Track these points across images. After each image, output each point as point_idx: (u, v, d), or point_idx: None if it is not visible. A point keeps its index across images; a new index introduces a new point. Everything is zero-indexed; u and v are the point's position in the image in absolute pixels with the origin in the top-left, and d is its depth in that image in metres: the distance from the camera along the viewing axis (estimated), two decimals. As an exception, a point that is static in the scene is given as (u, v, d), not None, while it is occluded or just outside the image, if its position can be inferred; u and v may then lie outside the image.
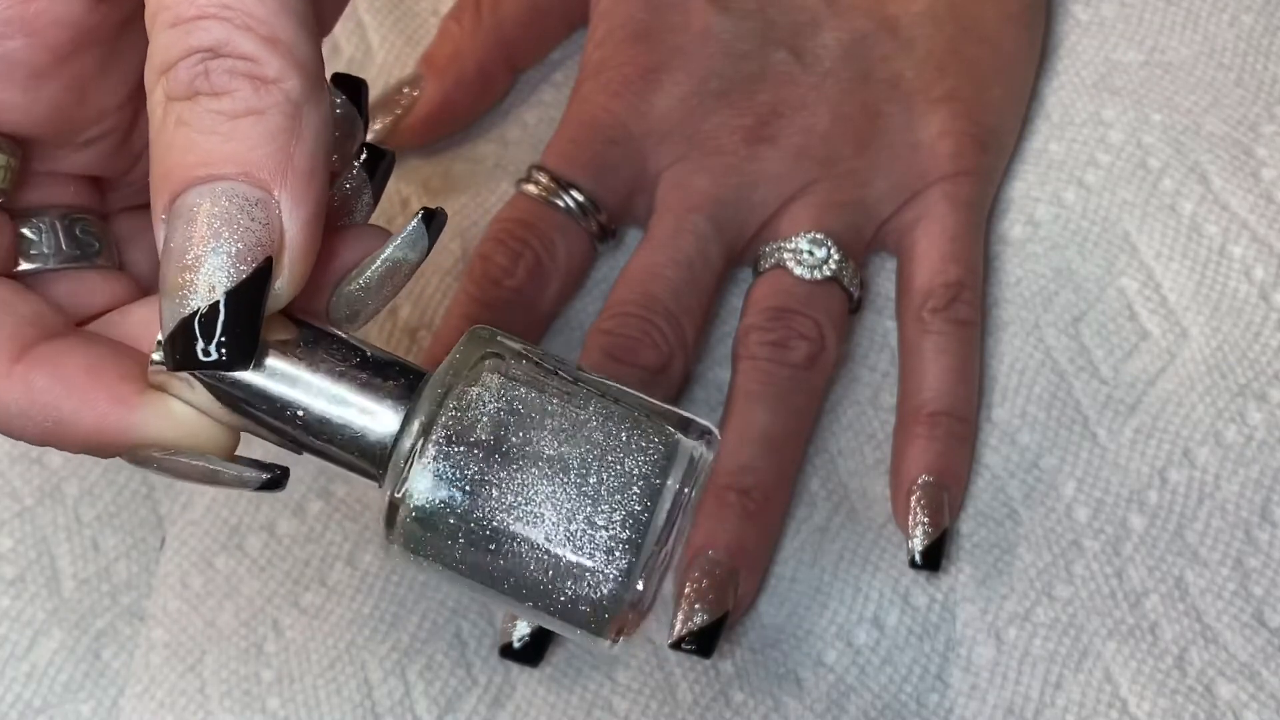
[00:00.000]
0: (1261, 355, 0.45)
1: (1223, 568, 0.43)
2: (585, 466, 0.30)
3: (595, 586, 0.30)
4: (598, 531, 0.30)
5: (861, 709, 0.42)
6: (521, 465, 0.30)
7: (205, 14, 0.29)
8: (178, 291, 0.29)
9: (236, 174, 0.29)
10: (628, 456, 0.30)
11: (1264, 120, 0.48)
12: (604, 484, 0.30)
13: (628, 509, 0.29)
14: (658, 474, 0.30)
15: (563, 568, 0.30)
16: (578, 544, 0.30)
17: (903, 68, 0.47)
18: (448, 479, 0.30)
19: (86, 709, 0.43)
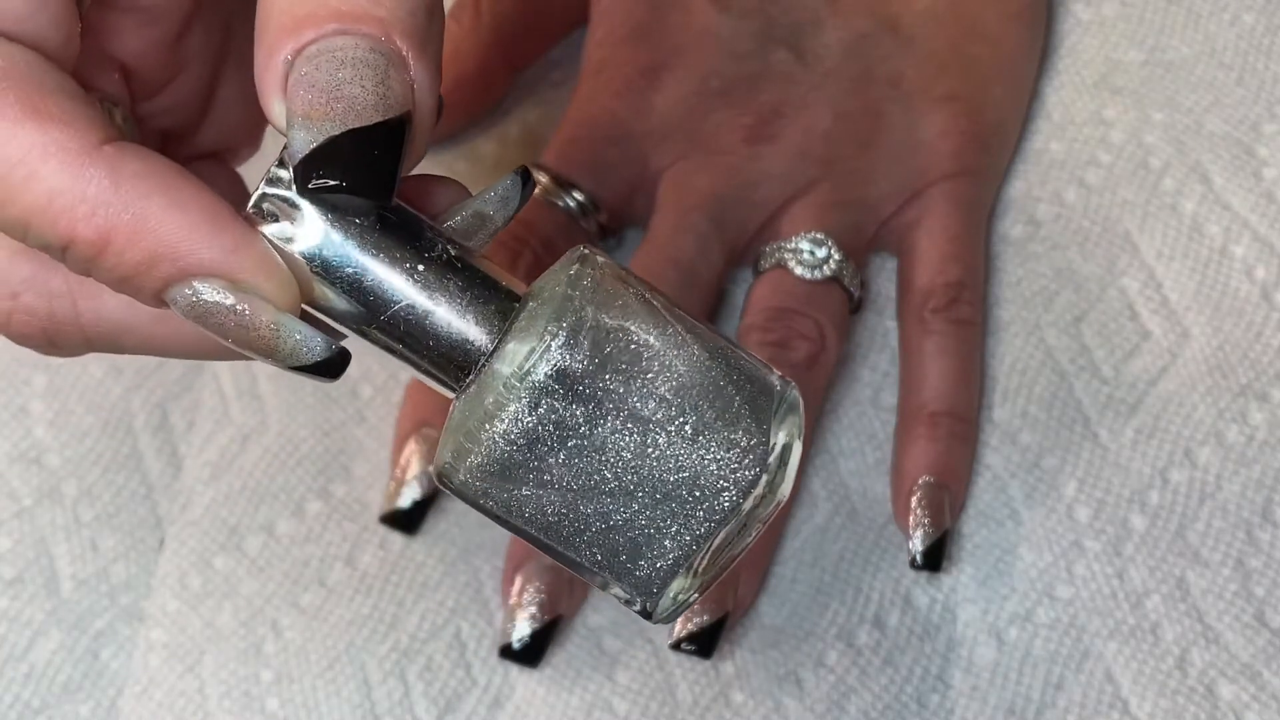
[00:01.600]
0: (1263, 355, 0.45)
1: (1224, 568, 0.43)
2: (666, 459, 0.28)
3: (638, 594, 0.29)
4: (655, 540, 0.29)
5: (862, 709, 0.42)
6: (606, 428, 0.28)
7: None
8: (322, 115, 0.27)
9: (380, 33, 0.28)
10: (713, 461, 0.28)
11: (1265, 120, 0.48)
12: (681, 485, 0.28)
13: (692, 529, 0.28)
14: (738, 494, 0.28)
15: (614, 563, 0.29)
16: (634, 546, 0.29)
17: (904, 67, 0.47)
18: (534, 418, 0.28)
19: (85, 709, 0.43)
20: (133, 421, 0.46)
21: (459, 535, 0.45)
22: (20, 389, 0.46)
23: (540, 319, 0.28)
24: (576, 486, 0.28)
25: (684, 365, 0.28)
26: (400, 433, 0.45)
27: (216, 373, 0.47)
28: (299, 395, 0.46)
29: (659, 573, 0.29)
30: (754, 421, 0.28)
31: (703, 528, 0.28)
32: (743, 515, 0.29)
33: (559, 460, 0.28)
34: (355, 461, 0.45)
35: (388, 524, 0.44)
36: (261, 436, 0.46)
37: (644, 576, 0.29)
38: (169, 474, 0.45)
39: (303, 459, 0.46)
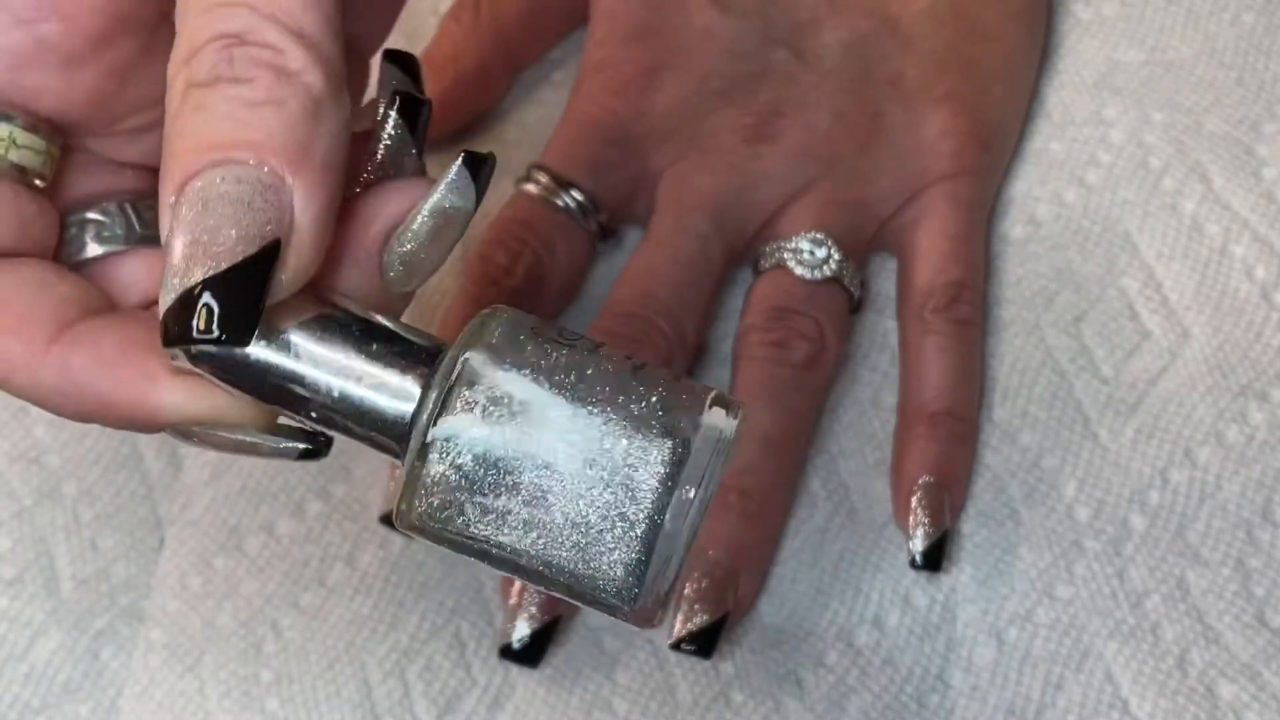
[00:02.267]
0: (1263, 355, 0.45)
1: (1224, 568, 0.43)
2: (594, 474, 0.29)
3: (604, 595, 0.29)
4: (605, 551, 0.29)
5: (862, 710, 0.42)
6: (532, 454, 0.29)
7: (233, 1, 0.29)
8: (179, 268, 0.28)
9: (250, 158, 0.28)
10: (639, 466, 0.29)
11: (1265, 119, 0.48)
12: (614, 497, 0.29)
13: (635, 528, 0.29)
14: (668, 483, 0.29)
15: (575, 573, 0.29)
16: (585, 555, 0.29)
17: (904, 67, 0.47)
18: (459, 452, 0.29)
19: (85, 709, 0.43)
20: (133, 421, 0.46)
21: (459, 535, 0.45)
22: (20, 389, 0.46)
23: (442, 382, 0.30)
24: (515, 524, 0.29)
25: (582, 425, 0.29)
26: (400, 433, 0.45)
27: (216, 373, 0.47)
28: (299, 395, 0.46)
29: (622, 580, 0.29)
30: (663, 429, 0.29)
31: (641, 529, 0.29)
32: (686, 500, 0.29)
33: (493, 502, 0.29)
34: (355, 462, 0.45)
35: (388, 524, 0.44)
36: (261, 436, 0.46)
37: (612, 588, 0.29)
38: (169, 474, 0.45)
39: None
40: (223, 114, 0.28)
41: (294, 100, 0.29)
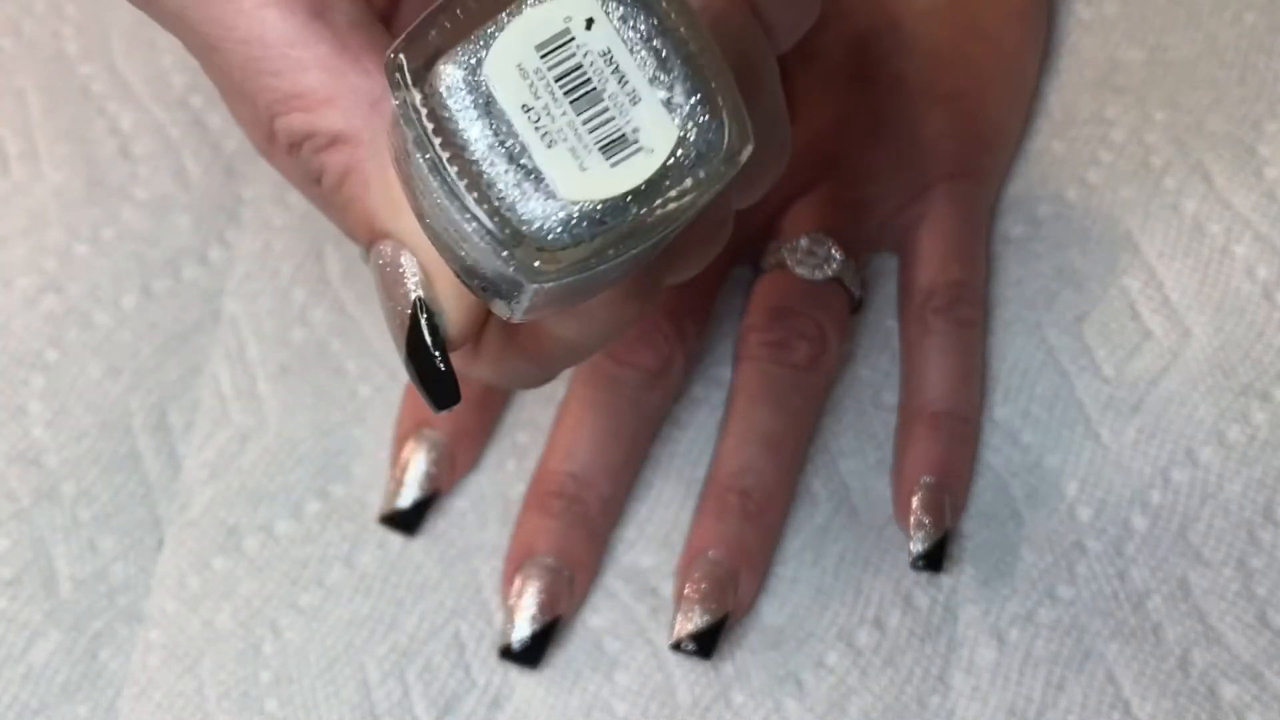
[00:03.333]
0: (1265, 355, 0.45)
1: (1226, 568, 0.43)
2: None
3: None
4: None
5: (862, 710, 0.42)
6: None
7: (270, 124, 0.31)
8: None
9: (368, 237, 0.30)
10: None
11: (1267, 119, 0.48)
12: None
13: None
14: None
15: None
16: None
17: (905, 66, 0.47)
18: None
19: (84, 710, 0.43)
20: (131, 422, 0.46)
21: (458, 536, 0.44)
22: (18, 389, 0.46)
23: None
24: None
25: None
26: (400, 433, 0.45)
27: (215, 373, 0.46)
28: (298, 395, 0.46)
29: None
30: None
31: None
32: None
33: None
34: (354, 462, 0.45)
35: (387, 524, 0.44)
36: (260, 437, 0.46)
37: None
38: (168, 474, 0.45)
39: (301, 459, 0.45)
40: (325, 210, 0.32)
41: (351, 167, 0.31)
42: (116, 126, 0.50)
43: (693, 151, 0.27)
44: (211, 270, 0.48)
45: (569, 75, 0.27)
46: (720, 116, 0.27)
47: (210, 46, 0.31)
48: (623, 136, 0.27)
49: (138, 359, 0.47)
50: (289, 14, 0.30)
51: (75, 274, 0.48)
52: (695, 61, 0.27)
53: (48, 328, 0.47)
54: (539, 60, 0.27)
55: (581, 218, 0.27)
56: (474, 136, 0.27)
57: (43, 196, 0.49)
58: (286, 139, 0.31)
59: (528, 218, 0.27)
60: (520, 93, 0.27)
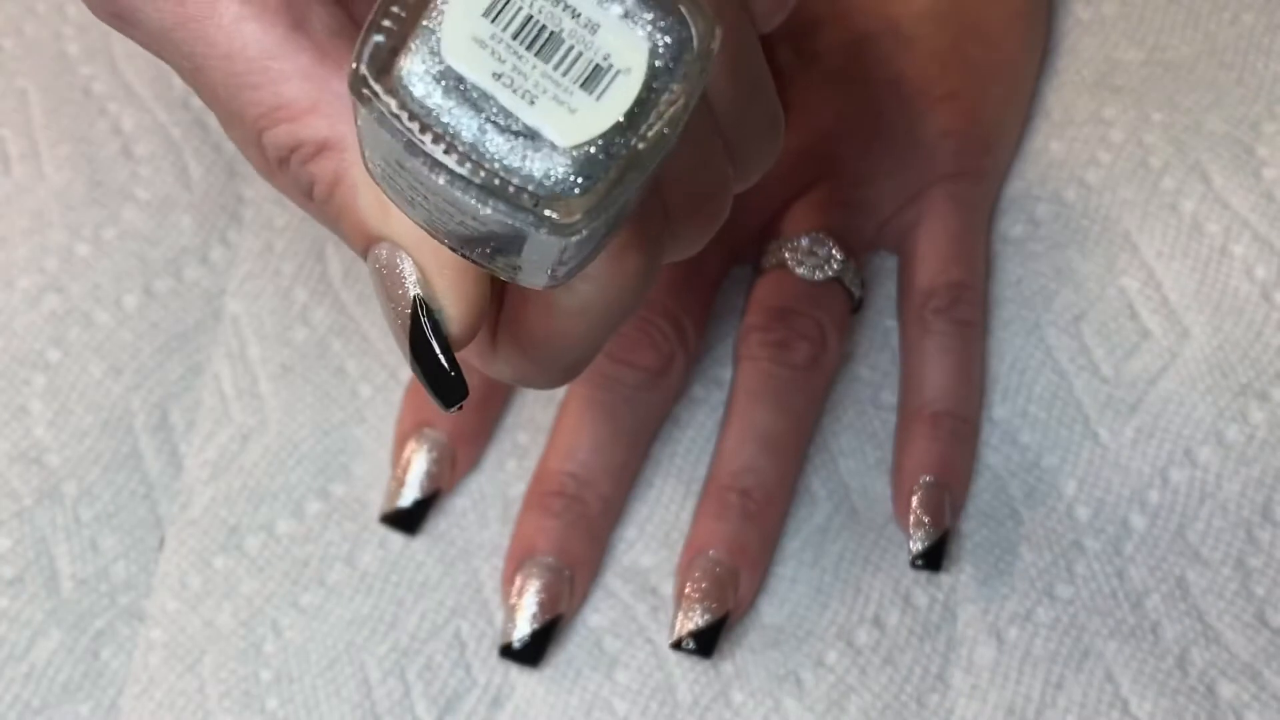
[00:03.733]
0: (1263, 355, 0.45)
1: (1224, 567, 0.43)
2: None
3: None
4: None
5: (862, 709, 0.42)
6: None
7: (256, 138, 0.31)
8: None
9: (363, 242, 0.30)
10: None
11: (1265, 119, 0.48)
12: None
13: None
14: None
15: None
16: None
17: (904, 67, 0.47)
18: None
19: (85, 709, 0.43)
20: (133, 421, 0.46)
21: (459, 535, 0.45)
22: (20, 389, 0.46)
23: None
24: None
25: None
26: (400, 432, 0.45)
27: (217, 372, 0.47)
28: (299, 395, 0.46)
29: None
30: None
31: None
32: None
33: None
34: (355, 461, 0.45)
35: (388, 523, 0.44)
36: (261, 436, 0.46)
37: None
38: (169, 473, 0.45)
39: (303, 459, 0.45)
40: (327, 219, 0.32)
41: (343, 171, 0.31)
42: (118, 127, 0.50)
43: (667, 56, 0.27)
44: (213, 270, 0.48)
45: (524, 29, 0.27)
46: (679, 12, 0.27)
47: (195, 67, 0.31)
48: (597, 68, 0.27)
49: (139, 359, 0.47)
50: (269, 27, 0.30)
51: (77, 274, 0.48)
52: None
53: (49, 327, 0.47)
54: (490, 26, 0.27)
55: (588, 159, 0.27)
56: (461, 123, 0.27)
57: (44, 197, 0.49)
58: (275, 153, 0.31)
59: (540, 178, 0.27)
60: (486, 63, 0.27)
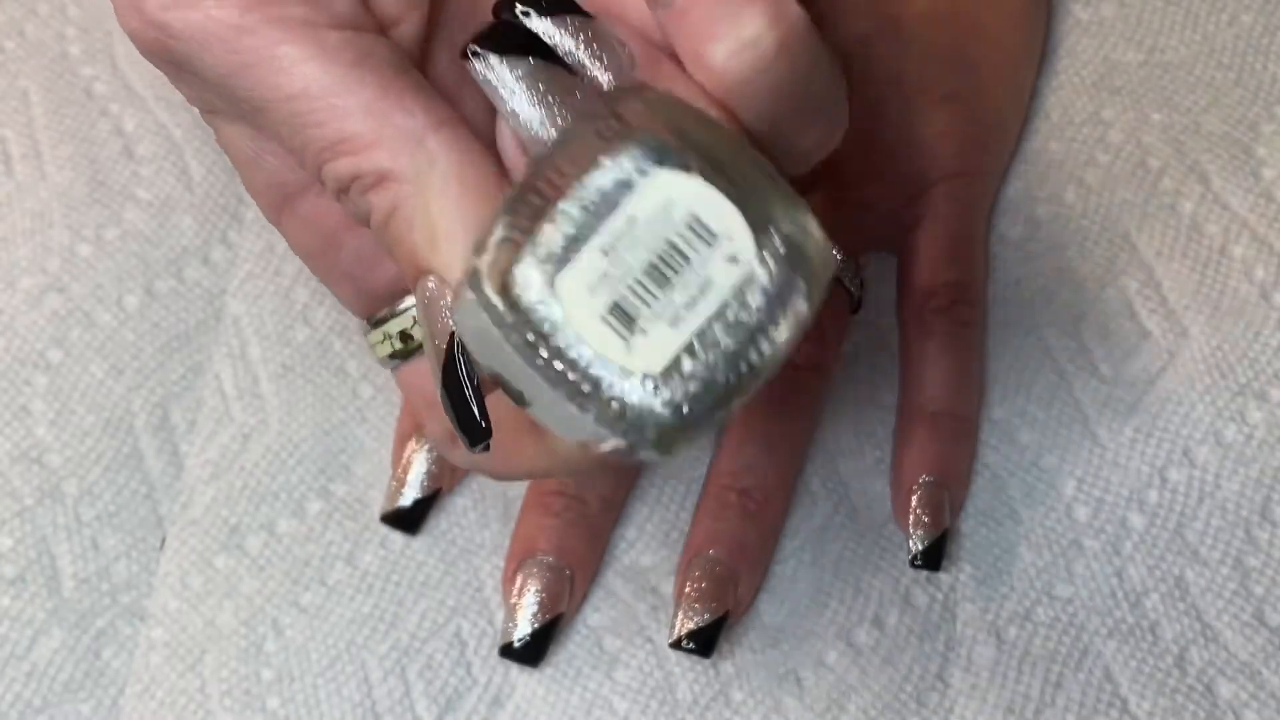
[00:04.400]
0: (1261, 355, 0.45)
1: (1223, 567, 0.43)
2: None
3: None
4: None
5: (862, 708, 0.42)
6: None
7: (318, 170, 0.32)
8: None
9: (414, 273, 0.31)
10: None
11: (1264, 120, 0.48)
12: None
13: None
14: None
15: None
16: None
17: (904, 67, 0.47)
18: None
19: (86, 708, 0.43)
20: (134, 421, 0.46)
21: (459, 534, 0.45)
22: (21, 389, 0.46)
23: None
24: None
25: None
26: (401, 432, 0.45)
27: (218, 372, 0.47)
28: (300, 395, 0.46)
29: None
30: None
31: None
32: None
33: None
34: (356, 460, 0.45)
35: (389, 523, 0.44)
36: (262, 436, 0.46)
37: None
38: (170, 473, 0.45)
39: (303, 458, 0.46)
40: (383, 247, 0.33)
41: (397, 202, 0.31)
42: (120, 127, 0.50)
43: (778, 286, 0.28)
44: (214, 270, 0.48)
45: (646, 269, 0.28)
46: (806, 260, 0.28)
47: (256, 109, 0.32)
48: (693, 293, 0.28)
49: (140, 359, 0.47)
50: (331, 65, 0.31)
51: (78, 274, 0.48)
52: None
53: (51, 327, 0.47)
54: (607, 264, 0.27)
55: (690, 396, 0.27)
56: (578, 345, 0.27)
57: (46, 197, 0.49)
58: (335, 184, 0.32)
59: (639, 405, 0.27)
60: (602, 294, 0.27)
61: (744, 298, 0.27)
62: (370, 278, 0.35)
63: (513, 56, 0.30)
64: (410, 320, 0.35)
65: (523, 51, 0.30)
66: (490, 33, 0.30)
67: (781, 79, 0.30)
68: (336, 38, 0.31)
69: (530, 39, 0.30)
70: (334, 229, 0.35)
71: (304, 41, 0.31)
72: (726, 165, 0.27)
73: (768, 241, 0.27)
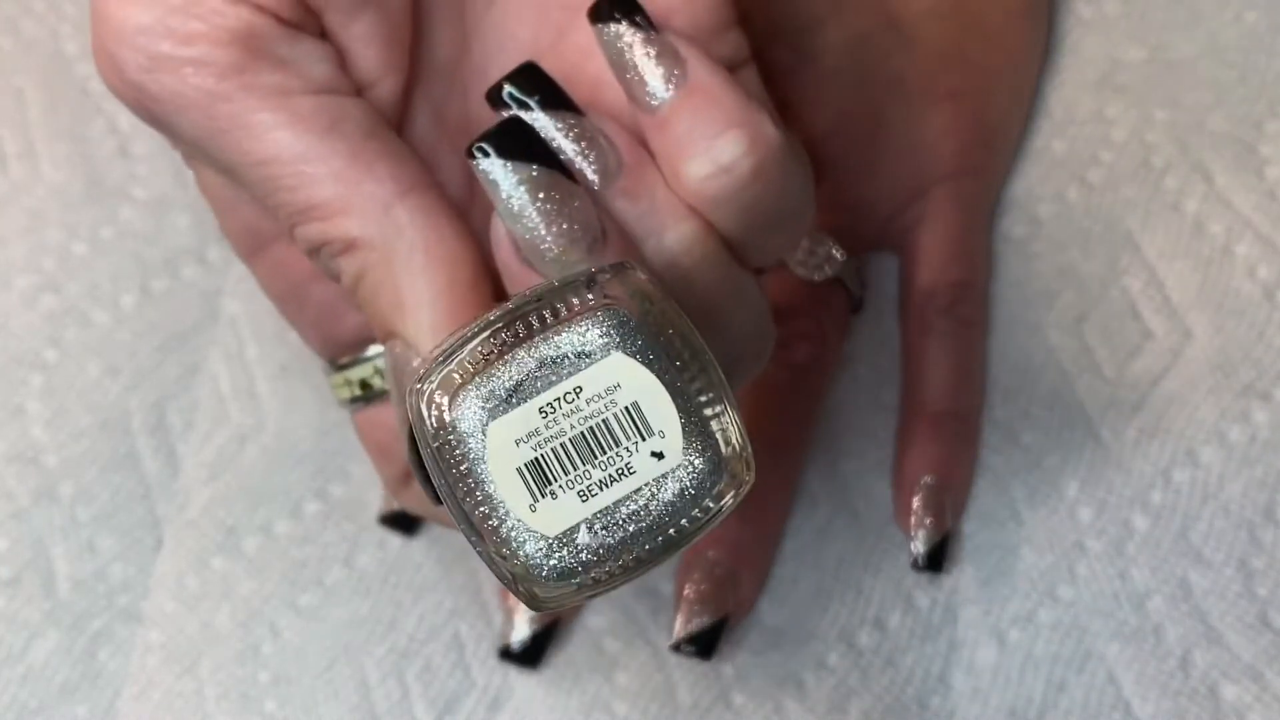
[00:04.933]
0: (1265, 355, 0.45)
1: (1226, 569, 0.43)
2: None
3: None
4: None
5: (863, 711, 0.42)
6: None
7: (289, 230, 0.32)
8: None
9: (382, 335, 0.32)
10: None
11: (1268, 118, 0.48)
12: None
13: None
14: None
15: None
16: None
17: (906, 66, 0.47)
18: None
19: (83, 710, 0.43)
20: (130, 421, 0.46)
21: (458, 536, 0.44)
22: (17, 389, 0.46)
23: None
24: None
25: None
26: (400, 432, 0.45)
27: (214, 373, 0.46)
28: (297, 395, 0.46)
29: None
30: None
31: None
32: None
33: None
34: (353, 462, 0.45)
35: (386, 524, 0.44)
36: (259, 437, 0.46)
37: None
38: (166, 474, 0.45)
39: (301, 459, 0.45)
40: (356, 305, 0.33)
41: (367, 265, 0.32)
42: (115, 126, 0.50)
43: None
44: (210, 269, 0.48)
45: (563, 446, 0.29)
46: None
47: (228, 169, 0.32)
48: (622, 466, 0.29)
49: (136, 358, 0.47)
50: (302, 133, 0.31)
51: (74, 273, 0.48)
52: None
53: (46, 327, 0.47)
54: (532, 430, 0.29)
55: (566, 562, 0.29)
56: (488, 484, 0.29)
57: (41, 196, 0.49)
58: (305, 245, 0.33)
59: (525, 559, 0.29)
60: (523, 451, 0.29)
61: (657, 493, 0.29)
62: (335, 327, 0.36)
63: (518, 162, 0.30)
64: (371, 370, 0.36)
65: (527, 154, 0.30)
66: (496, 132, 0.31)
67: (756, 199, 0.31)
68: (310, 104, 0.31)
69: (534, 141, 0.31)
70: (302, 279, 0.35)
71: (277, 109, 0.31)
72: (682, 367, 0.29)
73: (696, 445, 0.29)
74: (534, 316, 0.28)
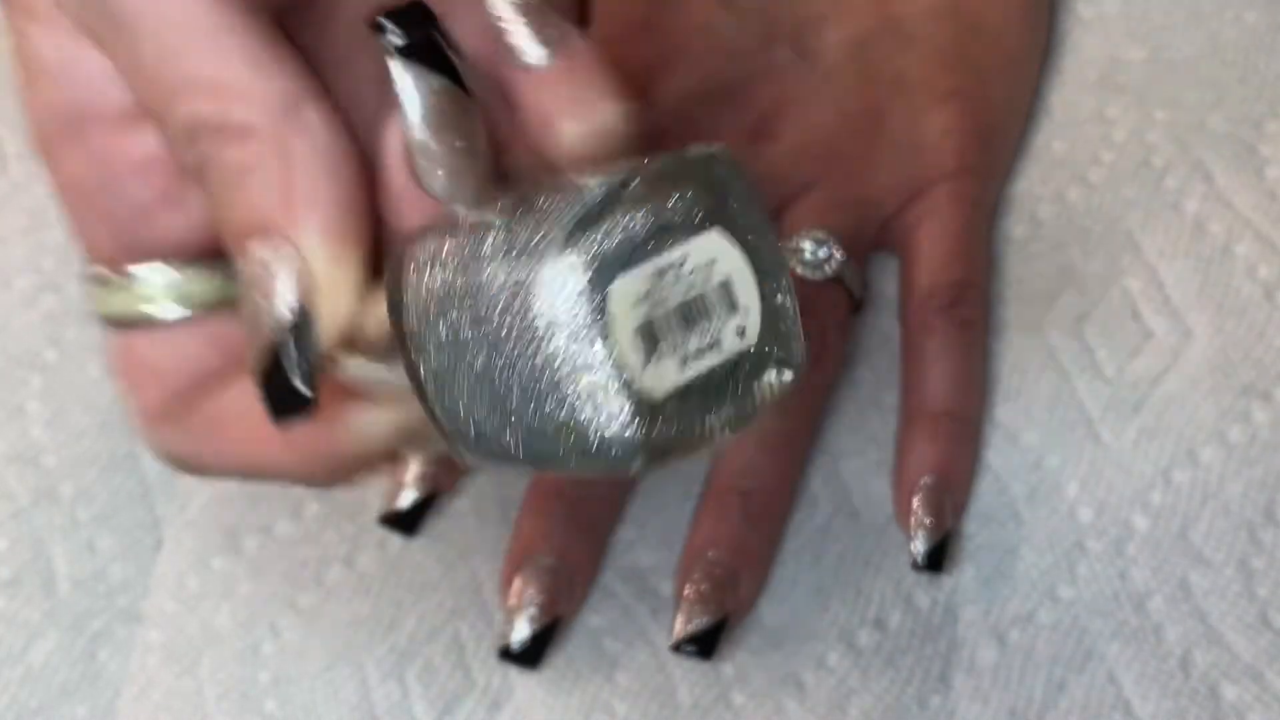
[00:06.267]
0: (1266, 355, 0.45)
1: (1227, 569, 0.43)
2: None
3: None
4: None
5: (863, 711, 0.42)
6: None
7: (169, 105, 0.30)
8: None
9: (247, 236, 0.30)
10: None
11: (1268, 118, 0.48)
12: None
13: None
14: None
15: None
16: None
17: (906, 65, 0.47)
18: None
19: (82, 710, 0.43)
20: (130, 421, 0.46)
21: (458, 536, 0.44)
22: (17, 389, 0.46)
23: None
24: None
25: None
26: (399, 433, 0.45)
27: (214, 372, 0.46)
28: (297, 395, 0.46)
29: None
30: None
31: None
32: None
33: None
34: (354, 462, 0.45)
35: (387, 525, 0.44)
36: (259, 436, 0.46)
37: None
38: (166, 474, 0.45)
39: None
40: (222, 203, 0.31)
41: (259, 159, 0.30)
42: (115, 125, 0.50)
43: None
44: (210, 270, 0.48)
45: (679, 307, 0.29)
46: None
47: (122, 25, 0.30)
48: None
49: (137, 359, 0.46)
50: (225, 5, 0.30)
51: (74, 273, 0.48)
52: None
53: (46, 327, 0.47)
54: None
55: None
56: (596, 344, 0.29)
57: (41, 195, 0.49)
58: (182, 125, 0.31)
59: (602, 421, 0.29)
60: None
61: (737, 368, 0.30)
62: (144, 228, 0.33)
63: (425, 69, 0.30)
64: (163, 290, 0.33)
65: (433, 60, 0.30)
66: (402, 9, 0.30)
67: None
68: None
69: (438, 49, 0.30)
70: (122, 171, 0.33)
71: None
72: (756, 247, 0.30)
73: (768, 323, 0.30)
74: (642, 184, 0.29)
